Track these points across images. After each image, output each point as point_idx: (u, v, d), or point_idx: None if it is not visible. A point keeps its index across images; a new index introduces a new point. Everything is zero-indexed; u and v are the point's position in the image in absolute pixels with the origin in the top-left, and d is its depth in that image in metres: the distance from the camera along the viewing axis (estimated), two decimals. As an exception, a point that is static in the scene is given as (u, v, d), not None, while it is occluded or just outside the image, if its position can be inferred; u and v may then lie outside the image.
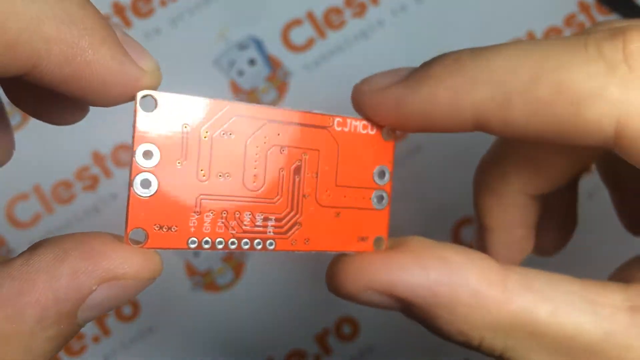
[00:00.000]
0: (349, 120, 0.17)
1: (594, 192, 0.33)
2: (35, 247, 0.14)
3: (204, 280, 0.33)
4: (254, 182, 0.16)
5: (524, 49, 0.15)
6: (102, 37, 0.13)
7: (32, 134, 0.20)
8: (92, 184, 0.33)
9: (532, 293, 0.16)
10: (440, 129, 0.17)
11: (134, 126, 0.15)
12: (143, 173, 0.15)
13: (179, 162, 0.15)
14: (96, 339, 0.32)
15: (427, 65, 0.17)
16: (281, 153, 0.17)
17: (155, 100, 0.15)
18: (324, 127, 0.17)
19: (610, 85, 0.14)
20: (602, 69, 0.14)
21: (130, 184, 0.15)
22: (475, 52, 0.16)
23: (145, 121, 0.15)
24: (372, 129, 0.18)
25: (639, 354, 0.15)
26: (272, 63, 0.34)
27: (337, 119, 0.17)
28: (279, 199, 0.17)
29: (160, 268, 0.15)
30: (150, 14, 0.35)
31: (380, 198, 0.18)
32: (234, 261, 0.33)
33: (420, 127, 0.17)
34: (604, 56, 0.15)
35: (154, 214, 0.15)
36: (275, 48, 0.34)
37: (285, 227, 0.17)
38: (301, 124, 0.17)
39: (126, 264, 0.14)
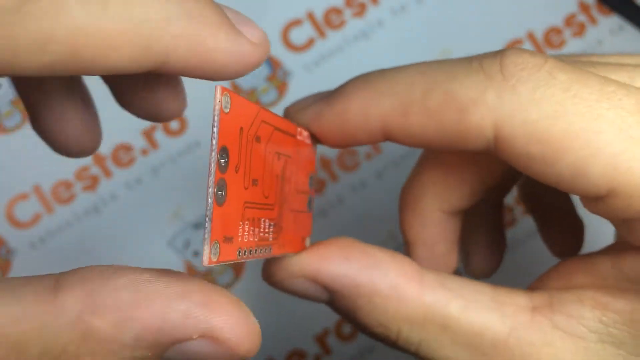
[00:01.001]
0: (304, 131, 0.19)
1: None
2: (165, 272, 0.14)
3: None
4: (268, 188, 0.17)
5: (422, 66, 0.18)
6: (219, 24, 0.14)
7: (32, 134, 0.20)
8: (92, 184, 0.33)
9: (446, 290, 0.17)
10: (355, 139, 0.18)
11: (215, 125, 0.13)
12: (220, 179, 0.14)
13: (236, 167, 0.15)
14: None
15: (342, 85, 0.19)
16: (278, 160, 0.17)
17: (230, 99, 0.14)
18: (293, 136, 0.18)
19: (487, 92, 0.16)
20: (482, 78, 0.16)
21: (213, 192, 0.13)
22: (383, 71, 0.18)
23: (224, 121, 0.14)
24: (308, 139, 0.19)
25: (539, 349, 0.17)
26: (272, 63, 0.34)
27: (299, 129, 0.19)
28: (274, 205, 0.17)
29: (256, 351, 0.14)
30: (150, 14, 0.35)
31: (310, 201, 0.20)
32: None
33: (338, 138, 0.19)
34: (484, 68, 0.16)
35: (224, 223, 0.14)
36: (275, 48, 0.34)
37: (277, 232, 0.17)
38: (287, 132, 0.18)
39: (234, 331, 0.14)
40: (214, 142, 0.14)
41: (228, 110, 0.14)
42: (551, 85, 0.16)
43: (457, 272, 0.22)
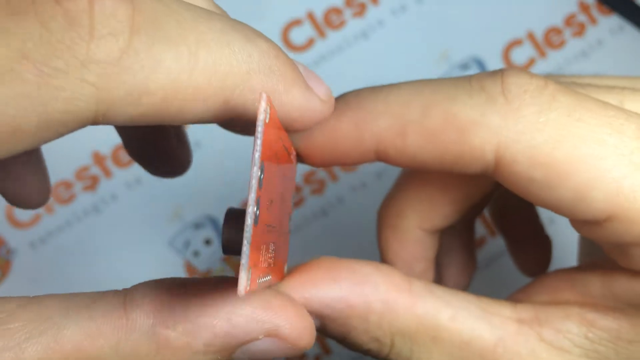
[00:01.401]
0: (293, 149, 0.18)
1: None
2: (221, 278, 0.15)
3: (204, 280, 0.33)
4: (277, 209, 0.15)
5: (416, 85, 0.17)
6: (293, 79, 0.15)
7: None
8: (92, 184, 0.33)
9: (435, 298, 0.17)
10: (344, 160, 0.17)
11: (259, 136, 0.12)
12: (258, 197, 0.12)
13: (260, 184, 0.13)
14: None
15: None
16: (281, 178, 0.16)
17: (270, 109, 0.13)
18: (289, 153, 0.17)
19: (490, 114, 0.16)
20: (484, 100, 0.16)
21: (253, 212, 0.12)
22: (374, 89, 0.17)
23: (265, 133, 0.12)
24: (295, 157, 0.18)
25: (526, 359, 0.17)
26: (272, 63, 0.34)
27: (293, 153, 0.17)
28: (277, 227, 0.16)
29: (312, 343, 0.16)
30: (150, 14, 0.35)
31: (290, 221, 0.18)
32: (234, 261, 0.33)
33: (326, 158, 0.18)
34: (486, 89, 0.16)
35: (254, 248, 0.12)
36: (275, 48, 0.34)
37: (274, 258, 0.15)
38: (287, 149, 0.16)
39: (294, 328, 0.15)
40: (257, 155, 0.12)
41: (268, 120, 0.13)
42: (554, 109, 0.15)
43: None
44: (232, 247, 0.15)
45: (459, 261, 0.25)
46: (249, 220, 0.12)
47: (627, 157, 0.15)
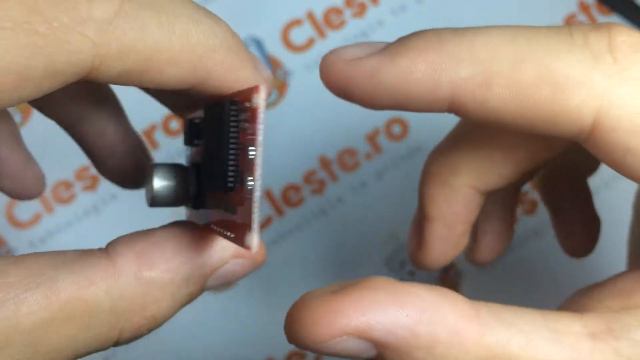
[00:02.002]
0: None
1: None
2: (183, 223, 0.17)
3: (204, 280, 0.33)
4: None
5: (509, 31, 0.15)
6: (247, 60, 0.16)
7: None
8: (92, 184, 0.33)
9: (504, 326, 0.15)
10: (414, 107, 0.16)
11: (262, 122, 0.14)
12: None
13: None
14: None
15: (407, 37, 0.16)
16: None
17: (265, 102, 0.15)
18: None
19: (594, 74, 0.14)
20: (588, 57, 0.14)
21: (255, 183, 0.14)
22: (458, 30, 0.16)
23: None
24: None
25: None
26: (272, 63, 0.34)
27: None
28: None
29: (264, 259, 0.17)
30: (150, 14, 0.35)
31: None
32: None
33: (394, 102, 0.16)
34: (590, 45, 0.15)
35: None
36: (275, 48, 0.34)
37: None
38: None
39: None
40: (260, 139, 0.14)
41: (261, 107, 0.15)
42: None
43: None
44: (160, 200, 0.17)
45: (497, 229, 0.23)
46: (257, 193, 0.14)
47: None
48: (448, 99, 0.16)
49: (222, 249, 0.16)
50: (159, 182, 0.17)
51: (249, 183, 0.14)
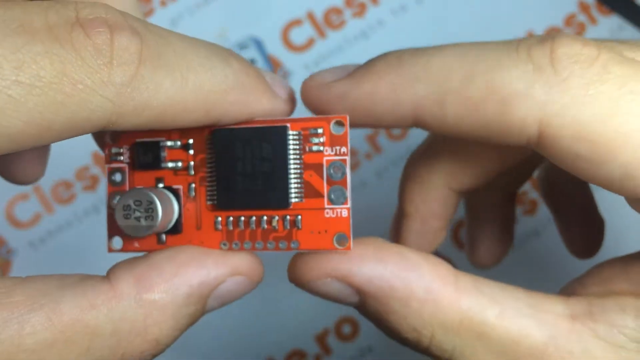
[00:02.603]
0: None
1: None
2: (182, 247, 0.17)
3: (204, 280, 0.33)
4: None
5: (460, 50, 0.16)
6: (262, 91, 0.17)
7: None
8: (92, 184, 0.33)
9: (482, 295, 0.16)
10: (382, 123, 0.17)
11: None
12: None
13: None
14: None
15: (371, 62, 0.18)
16: None
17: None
18: None
19: (536, 85, 0.15)
20: (530, 70, 0.15)
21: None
22: (417, 51, 0.17)
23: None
24: None
25: (579, 359, 0.16)
26: (272, 63, 0.34)
27: None
28: None
29: (262, 277, 0.18)
30: (151, 14, 0.35)
31: None
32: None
33: (364, 121, 0.18)
34: (532, 59, 0.15)
35: None
36: (275, 48, 0.34)
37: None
38: None
39: (249, 265, 0.17)
40: (349, 158, 0.17)
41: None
42: (605, 81, 0.15)
43: (453, 262, 0.22)
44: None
45: (493, 237, 0.24)
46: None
47: None
48: (410, 116, 0.17)
49: (219, 265, 0.17)
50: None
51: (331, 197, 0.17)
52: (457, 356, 0.17)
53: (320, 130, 0.17)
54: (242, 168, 0.17)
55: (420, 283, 0.16)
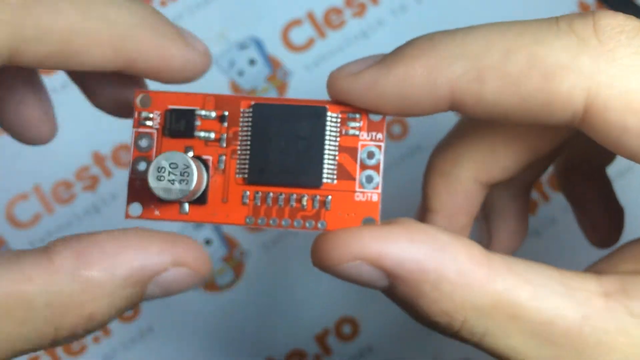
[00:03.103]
0: None
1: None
2: (132, 228, 0.17)
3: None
4: None
5: (498, 27, 0.16)
6: (175, 35, 0.17)
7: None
8: (92, 184, 0.33)
9: (514, 275, 0.16)
10: (416, 110, 0.17)
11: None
12: None
13: None
14: (96, 340, 0.32)
15: (401, 47, 0.17)
16: None
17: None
18: None
19: (581, 57, 0.15)
20: (574, 42, 0.15)
21: None
22: (449, 31, 0.16)
23: None
24: None
25: (614, 337, 0.15)
26: (272, 63, 0.34)
27: None
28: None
29: (209, 270, 0.17)
30: (150, 14, 0.35)
31: None
32: (234, 261, 0.33)
33: (397, 109, 0.17)
34: (575, 31, 0.15)
35: None
36: (275, 48, 0.34)
37: None
38: None
39: (193, 257, 0.17)
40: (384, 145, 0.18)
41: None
42: None
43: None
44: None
45: (511, 225, 0.24)
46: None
47: None
48: (447, 98, 0.16)
49: (162, 252, 0.16)
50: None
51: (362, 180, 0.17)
52: (488, 339, 0.16)
53: (358, 115, 0.17)
54: (276, 144, 0.17)
55: (452, 265, 0.16)
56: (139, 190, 0.18)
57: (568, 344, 0.16)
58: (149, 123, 0.18)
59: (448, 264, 0.16)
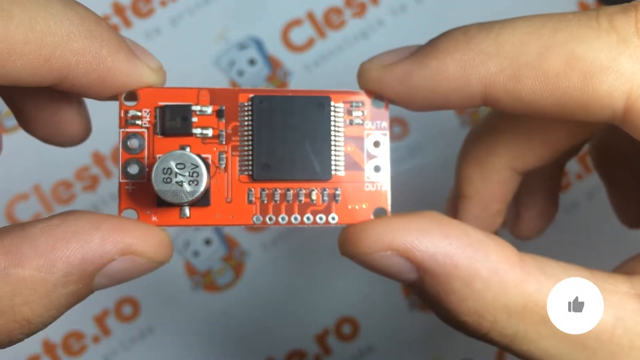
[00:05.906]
0: None
1: (593, 192, 0.33)
2: (69, 213, 0.15)
3: (204, 280, 0.33)
4: None
5: (534, 22, 0.16)
6: (118, 45, 0.15)
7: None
8: (92, 184, 0.33)
9: (547, 277, 0.15)
10: (448, 104, 0.16)
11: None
12: None
13: None
14: (96, 339, 0.32)
15: (435, 40, 0.16)
16: None
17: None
18: None
19: (622, 58, 0.14)
20: (614, 41, 0.15)
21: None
22: (484, 25, 0.16)
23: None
24: None
25: None
26: (272, 63, 0.34)
27: None
28: None
29: (170, 256, 0.16)
30: (151, 14, 0.35)
31: None
32: (234, 261, 0.33)
33: (429, 102, 0.16)
34: (616, 29, 0.15)
35: None
36: (275, 48, 0.34)
37: None
38: None
39: (146, 244, 0.15)
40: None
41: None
42: None
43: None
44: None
45: (540, 205, 0.24)
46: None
47: None
48: (480, 95, 0.16)
49: (105, 242, 0.15)
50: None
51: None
52: (518, 341, 0.16)
53: (361, 104, 0.17)
54: (280, 138, 0.16)
55: (485, 263, 0.15)
56: (131, 195, 0.16)
57: (601, 347, 0.15)
58: (137, 122, 0.17)
59: (481, 262, 0.15)
